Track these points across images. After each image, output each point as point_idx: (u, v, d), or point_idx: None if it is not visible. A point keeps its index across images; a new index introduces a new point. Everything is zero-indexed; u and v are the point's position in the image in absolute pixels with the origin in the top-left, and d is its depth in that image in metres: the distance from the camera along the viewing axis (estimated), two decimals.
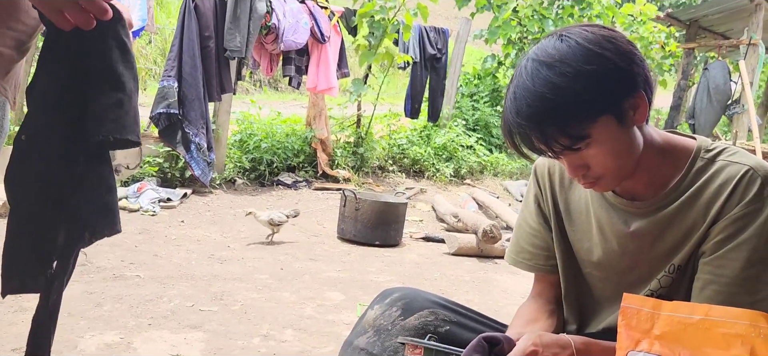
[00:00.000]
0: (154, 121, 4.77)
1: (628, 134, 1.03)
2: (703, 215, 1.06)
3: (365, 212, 4.09)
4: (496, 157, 7.16)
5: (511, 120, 1.02)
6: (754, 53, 7.07)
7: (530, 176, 1.30)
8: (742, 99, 7.05)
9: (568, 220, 1.23)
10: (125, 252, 3.34)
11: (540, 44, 1.03)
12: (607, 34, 1.01)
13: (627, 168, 1.06)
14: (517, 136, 1.02)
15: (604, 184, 1.07)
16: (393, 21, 5.77)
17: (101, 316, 2.47)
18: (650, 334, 1.00)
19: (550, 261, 1.26)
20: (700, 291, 1.05)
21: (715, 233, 1.04)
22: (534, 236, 1.27)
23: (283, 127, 6.12)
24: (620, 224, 1.14)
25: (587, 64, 0.97)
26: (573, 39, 0.99)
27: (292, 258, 3.62)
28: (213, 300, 2.77)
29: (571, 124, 0.98)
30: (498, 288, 3.46)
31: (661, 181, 1.10)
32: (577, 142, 1.00)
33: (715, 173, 1.06)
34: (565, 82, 0.97)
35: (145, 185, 4.53)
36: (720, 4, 7.70)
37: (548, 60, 0.99)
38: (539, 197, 1.27)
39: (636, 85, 1.00)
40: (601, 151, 1.01)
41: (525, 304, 1.29)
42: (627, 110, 1.01)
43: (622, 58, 0.99)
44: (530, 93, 0.98)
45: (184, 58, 4.74)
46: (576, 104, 0.97)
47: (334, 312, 2.79)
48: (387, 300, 1.22)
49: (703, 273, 1.05)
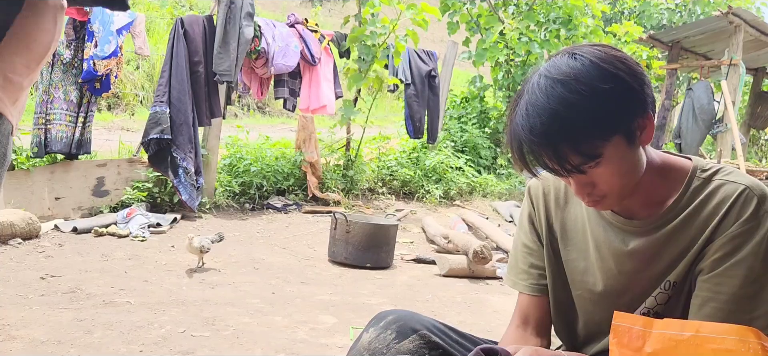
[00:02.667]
0: (145, 146, 4.77)
1: (635, 154, 1.04)
2: (699, 233, 1.07)
3: (356, 235, 4.09)
4: (484, 178, 7.20)
5: (523, 137, 1.01)
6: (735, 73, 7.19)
7: (524, 196, 1.31)
8: (725, 118, 7.16)
9: (563, 240, 1.24)
10: (115, 278, 3.32)
11: (552, 61, 1.03)
12: (619, 54, 1.02)
13: (630, 187, 1.07)
14: (529, 153, 1.02)
15: (607, 202, 1.09)
16: (383, 46, 5.84)
17: (91, 344, 2.45)
18: (642, 352, 1.02)
19: (545, 281, 1.27)
20: (699, 309, 1.06)
21: (712, 252, 1.06)
22: (530, 255, 1.28)
23: (273, 150, 6.13)
24: (618, 243, 1.15)
25: (603, 83, 0.98)
26: (586, 58, 1.00)
27: (283, 282, 3.61)
28: (204, 326, 2.76)
29: (584, 143, 0.99)
30: (490, 309, 3.47)
31: (658, 200, 1.12)
32: (588, 161, 1.00)
33: (711, 192, 1.08)
34: (581, 100, 0.97)
35: (134, 210, 4.51)
36: (701, 26, 7.85)
37: (562, 77, 0.99)
38: (533, 217, 1.28)
39: (646, 106, 1.02)
40: (609, 171, 1.02)
41: (509, 335, 1.27)
42: (635, 130, 1.02)
43: (634, 79, 1.01)
44: (544, 110, 0.98)
45: (173, 82, 4.76)
46: (590, 122, 0.98)
47: (327, 336, 2.78)
48: (381, 323, 1.22)
49: (702, 290, 1.07)
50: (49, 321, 2.62)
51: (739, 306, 1.03)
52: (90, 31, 4.49)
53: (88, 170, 4.70)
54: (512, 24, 7.47)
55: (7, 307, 2.75)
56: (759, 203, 1.03)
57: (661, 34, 8.46)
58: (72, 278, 3.26)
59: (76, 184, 4.62)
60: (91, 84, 4.56)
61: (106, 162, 4.83)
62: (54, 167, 4.56)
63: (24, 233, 3.84)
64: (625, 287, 1.17)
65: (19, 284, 3.08)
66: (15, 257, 3.54)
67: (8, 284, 3.06)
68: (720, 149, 7.06)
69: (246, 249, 4.27)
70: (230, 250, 4.19)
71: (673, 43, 8.20)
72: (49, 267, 3.40)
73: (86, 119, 4.68)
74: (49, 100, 4.46)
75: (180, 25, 4.85)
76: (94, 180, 4.72)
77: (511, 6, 8.31)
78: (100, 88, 4.62)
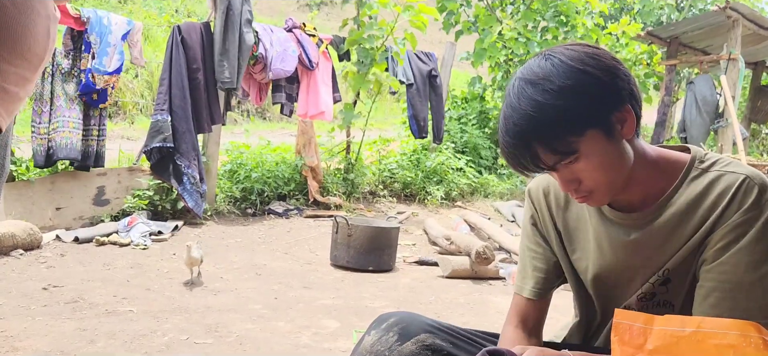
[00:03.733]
0: (147, 155, 4.77)
1: (617, 148, 1.05)
2: (700, 223, 1.08)
3: (358, 238, 4.09)
4: (486, 178, 7.20)
5: (501, 139, 1.06)
6: (734, 68, 7.19)
7: (525, 199, 1.32)
8: (726, 113, 7.16)
9: (567, 239, 1.26)
10: (117, 287, 3.32)
11: (526, 64, 1.06)
12: (591, 51, 1.04)
13: (618, 181, 1.08)
14: (510, 156, 1.06)
15: (596, 198, 1.10)
16: (381, 49, 5.84)
17: (95, 353, 2.45)
18: (643, 349, 1.01)
19: (551, 283, 1.28)
20: (704, 299, 1.07)
21: (714, 241, 1.06)
22: (533, 258, 1.29)
23: (273, 156, 6.13)
24: (620, 236, 1.16)
25: (569, 80, 1.00)
26: (557, 57, 1.03)
27: (286, 287, 3.61)
28: (207, 333, 2.76)
29: (555, 141, 1.01)
30: (493, 309, 3.46)
31: (655, 192, 1.13)
32: (564, 158, 1.02)
33: (711, 183, 1.09)
34: (549, 99, 1.00)
35: (135, 218, 4.51)
36: (699, 21, 7.85)
37: (533, 78, 1.02)
38: (536, 219, 1.29)
39: (621, 99, 1.03)
40: (591, 165, 1.04)
41: (509, 333, 1.26)
42: (614, 123, 1.03)
43: (605, 73, 1.02)
44: (516, 112, 1.02)
45: (174, 90, 4.76)
46: (559, 120, 1.00)
47: (331, 340, 2.78)
48: (383, 325, 1.22)
49: (706, 280, 1.07)
50: (52, 332, 2.63)
51: (746, 294, 1.03)
52: (87, 42, 4.49)
53: (89, 180, 4.71)
54: (510, 24, 7.47)
55: (9, 318, 2.76)
56: (760, 192, 1.04)
57: (659, 30, 8.46)
58: (74, 287, 3.26)
59: (76, 194, 4.63)
60: (88, 96, 4.56)
61: (106, 171, 4.84)
62: (55, 177, 4.57)
63: (25, 244, 3.85)
64: (628, 280, 1.18)
65: (21, 295, 3.08)
66: (17, 268, 3.54)
67: (10, 295, 3.06)
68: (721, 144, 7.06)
69: (248, 255, 4.27)
70: (232, 256, 4.18)
71: (671, 39, 8.20)
72: (51, 278, 3.40)
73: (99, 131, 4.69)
74: (52, 109, 4.46)
75: (177, 32, 4.85)
76: (94, 190, 4.72)
77: (509, 6, 8.31)
78: (97, 99, 4.62)
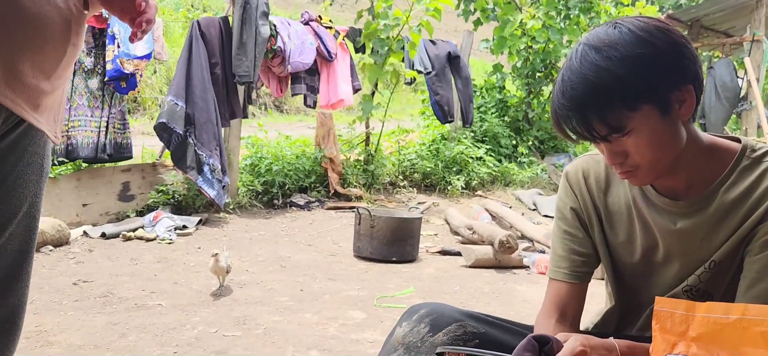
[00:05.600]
0: (160, 136, 4.73)
1: (671, 128, 1.02)
2: (749, 214, 1.06)
3: (381, 229, 4.10)
4: (506, 167, 7.16)
5: (556, 102, 1.03)
6: (758, 49, 7.05)
7: (561, 183, 1.29)
8: (750, 96, 7.03)
9: (608, 222, 1.23)
10: (145, 281, 3.37)
11: (594, 30, 1.04)
12: (662, 25, 1.01)
13: (665, 162, 1.05)
14: (562, 119, 1.03)
15: (641, 175, 1.07)
16: (398, 39, 5.82)
17: (127, 346, 2.49)
18: (686, 336, 1.00)
19: (589, 266, 1.26)
20: (748, 290, 1.05)
21: (762, 233, 1.04)
22: (571, 241, 1.25)
23: (293, 149, 6.15)
24: (666, 223, 1.14)
25: (634, 50, 0.97)
26: (625, 27, 1.00)
27: (310, 279, 3.63)
28: (236, 325, 2.79)
29: (609, 112, 0.98)
30: (519, 298, 3.45)
31: (704, 180, 1.10)
32: (614, 132, 1.00)
33: (762, 173, 1.06)
34: (610, 66, 0.97)
35: (160, 213, 4.56)
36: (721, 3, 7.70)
37: (598, 44, 0.99)
38: (576, 204, 1.25)
39: (684, 79, 1.00)
40: (641, 141, 1.01)
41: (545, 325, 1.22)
42: (673, 102, 1.00)
43: (672, 48, 0.99)
44: (576, 75, 0.99)
45: (194, 82, 4.76)
46: (617, 89, 0.97)
47: (358, 331, 2.79)
48: (415, 317, 1.22)
49: (750, 271, 1.05)
50: (84, 326, 2.67)
51: None
52: (111, 35, 4.54)
53: (114, 176, 4.77)
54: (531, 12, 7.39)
55: (43, 313, 2.81)
56: None
57: (679, 13, 8.32)
58: (104, 282, 3.31)
59: (102, 190, 4.69)
60: (117, 82, 4.61)
61: (130, 167, 4.89)
62: (80, 174, 4.63)
63: (54, 240, 3.91)
64: (671, 265, 1.16)
65: (52, 290, 3.14)
66: (47, 264, 3.60)
67: (42, 290, 3.12)
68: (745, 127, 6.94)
69: (272, 248, 4.30)
70: (257, 249, 4.22)
71: (692, 22, 8.05)
72: (80, 273, 3.46)
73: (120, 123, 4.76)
74: (72, 107, 4.52)
75: (197, 27, 4.88)
76: (119, 185, 4.78)
77: None
78: (126, 86, 4.67)
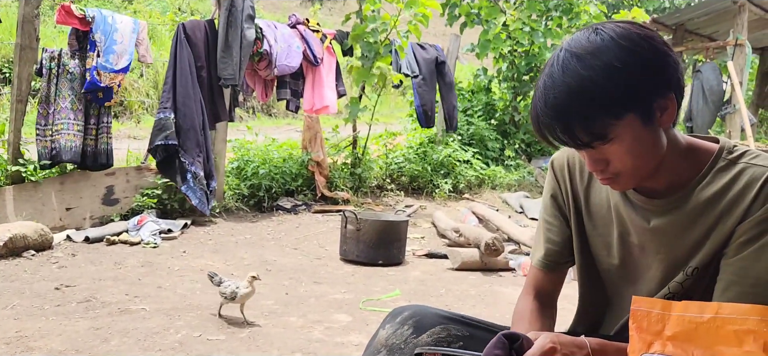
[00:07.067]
0: (152, 153, 4.78)
1: (653, 135, 1.02)
2: (724, 216, 1.06)
3: (367, 233, 4.10)
4: (493, 170, 7.19)
5: (538, 109, 1.02)
6: (741, 54, 7.14)
7: (548, 171, 1.30)
8: (733, 99, 7.12)
9: (587, 215, 1.24)
10: (129, 286, 3.34)
11: (575, 36, 1.02)
12: (644, 33, 1.00)
13: (647, 169, 1.05)
14: (544, 126, 1.02)
15: (622, 182, 1.07)
16: (386, 43, 5.83)
17: (109, 351, 2.46)
18: (662, 335, 1.01)
19: (563, 257, 1.28)
20: (723, 292, 1.05)
21: (738, 235, 1.04)
22: (548, 230, 1.29)
23: (280, 152, 6.14)
24: (641, 221, 1.14)
25: (619, 60, 0.96)
26: (607, 34, 0.99)
27: (296, 282, 3.62)
28: (220, 329, 2.77)
29: (593, 120, 0.98)
30: (504, 301, 3.46)
31: (681, 180, 1.10)
32: (597, 140, 1.00)
33: (737, 174, 1.06)
34: (594, 76, 0.96)
35: (145, 217, 4.53)
36: (705, 7, 7.79)
37: (580, 52, 0.98)
38: (557, 192, 1.27)
39: (667, 87, 1.00)
40: (622, 149, 1.01)
41: (523, 304, 1.28)
42: (655, 110, 1.00)
43: (656, 58, 0.99)
44: (558, 83, 0.98)
45: (178, 88, 4.76)
46: (602, 99, 0.96)
47: (343, 334, 2.79)
48: (398, 319, 1.22)
49: (726, 273, 1.05)
50: (65, 331, 2.64)
51: (763, 290, 1.01)
52: (92, 41, 4.50)
53: (98, 180, 4.73)
54: (514, 14, 7.43)
55: (24, 318, 2.78)
56: None
57: (664, 17, 8.40)
58: (86, 287, 3.28)
59: (86, 194, 4.65)
60: (93, 94, 4.57)
61: (114, 171, 4.86)
62: (64, 177, 4.59)
63: (37, 244, 3.87)
64: (647, 266, 1.16)
65: (34, 295, 3.10)
66: (29, 268, 3.56)
67: (24, 295, 3.08)
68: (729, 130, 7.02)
69: (257, 252, 4.28)
70: (242, 253, 4.20)
71: (677, 26, 8.14)
72: (63, 277, 3.42)
73: (98, 129, 4.69)
74: (56, 110, 4.47)
75: (182, 30, 4.85)
76: (103, 189, 4.74)
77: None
78: (102, 97, 4.62)
